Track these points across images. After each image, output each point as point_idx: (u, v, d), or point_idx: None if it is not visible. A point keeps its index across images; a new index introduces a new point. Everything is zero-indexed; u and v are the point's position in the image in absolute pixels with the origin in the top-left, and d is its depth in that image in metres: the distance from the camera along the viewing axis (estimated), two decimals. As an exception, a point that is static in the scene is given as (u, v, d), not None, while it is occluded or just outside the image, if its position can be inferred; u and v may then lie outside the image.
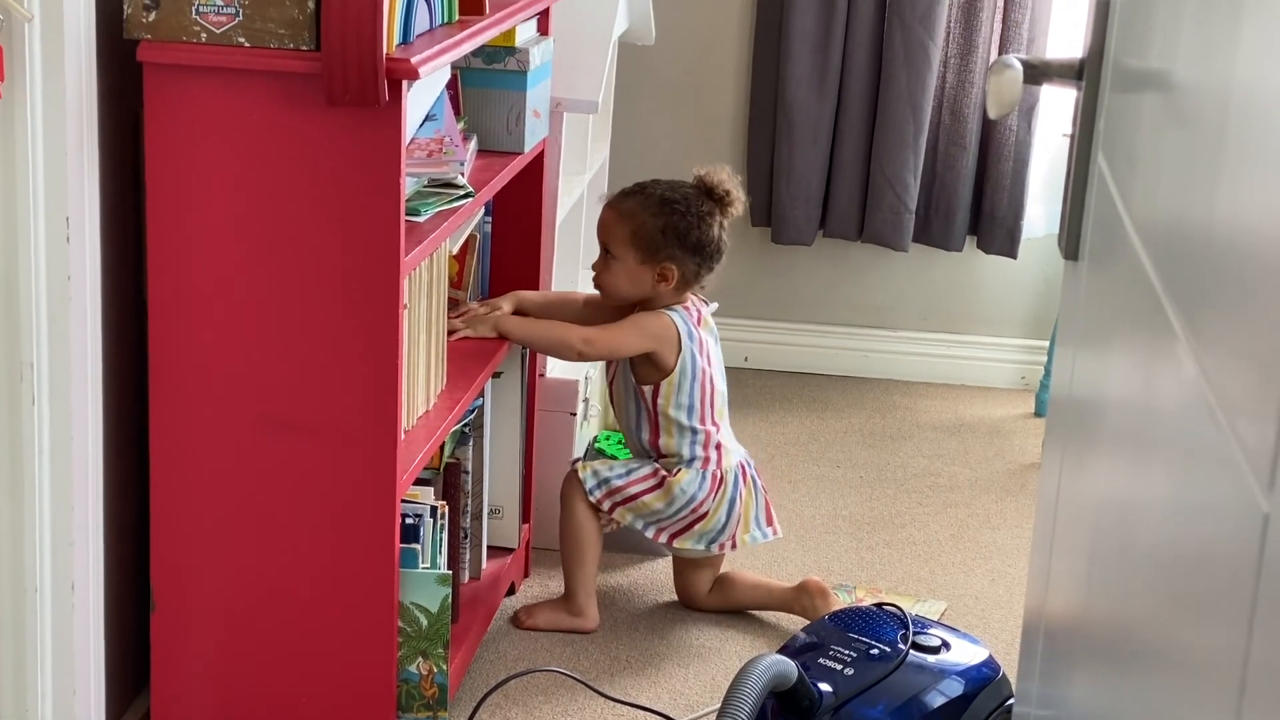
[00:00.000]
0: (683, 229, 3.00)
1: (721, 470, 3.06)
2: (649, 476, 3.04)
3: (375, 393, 2.39)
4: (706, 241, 3.02)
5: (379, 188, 2.32)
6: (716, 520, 3.06)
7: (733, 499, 3.07)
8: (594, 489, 3.04)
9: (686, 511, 3.05)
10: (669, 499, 3.03)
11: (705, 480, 3.05)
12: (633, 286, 3.04)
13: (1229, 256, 0.98)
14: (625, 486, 3.04)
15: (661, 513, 3.05)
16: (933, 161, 4.34)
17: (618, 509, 3.05)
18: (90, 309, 2.31)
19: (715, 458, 3.06)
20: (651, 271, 3.01)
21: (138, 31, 2.29)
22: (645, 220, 3.00)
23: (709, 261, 3.05)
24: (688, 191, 3.05)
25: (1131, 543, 1.23)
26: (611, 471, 3.05)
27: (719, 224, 3.05)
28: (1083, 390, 1.58)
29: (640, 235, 3.00)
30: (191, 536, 2.46)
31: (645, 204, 3.02)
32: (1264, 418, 0.81)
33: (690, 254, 3.01)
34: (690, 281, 3.05)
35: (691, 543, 3.08)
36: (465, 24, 2.60)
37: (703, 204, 3.04)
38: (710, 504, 3.05)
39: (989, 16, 4.21)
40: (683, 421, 3.04)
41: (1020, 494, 3.86)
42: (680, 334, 3.03)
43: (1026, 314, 4.53)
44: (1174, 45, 1.27)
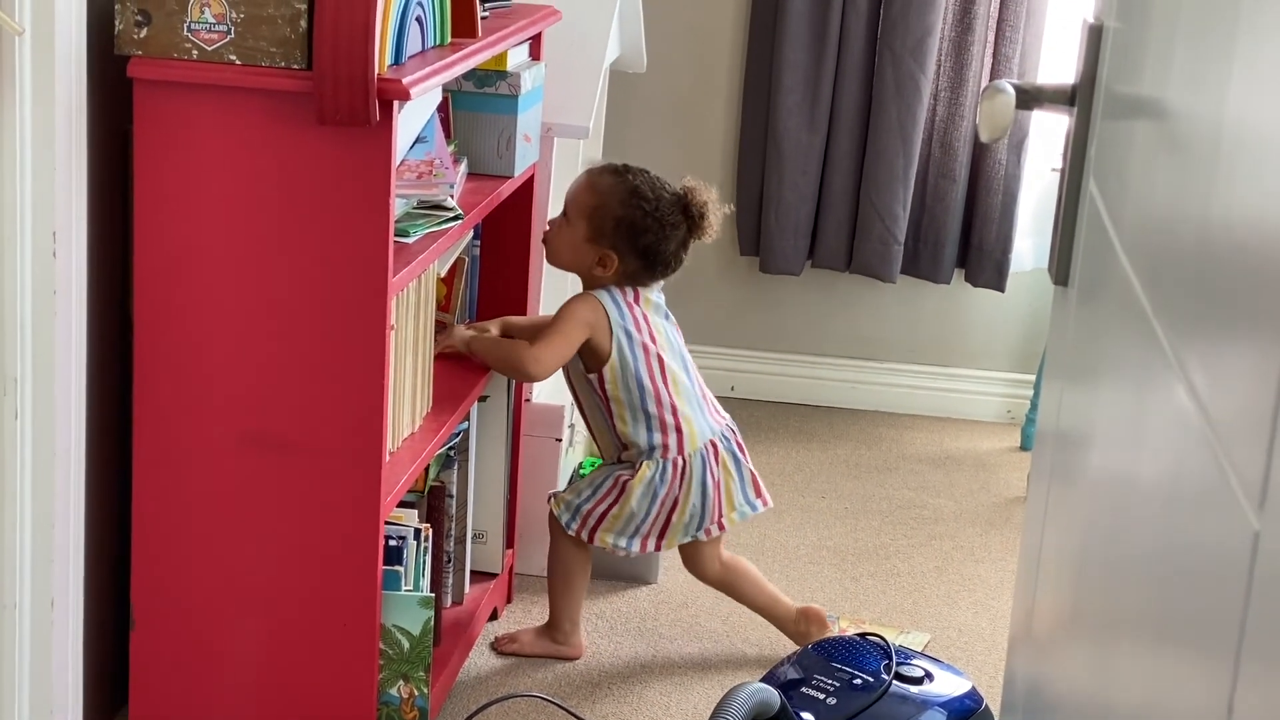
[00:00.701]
0: (639, 228, 2.95)
1: (684, 455, 2.99)
2: (611, 488, 2.99)
3: (361, 413, 2.38)
4: (658, 252, 2.97)
5: (368, 208, 2.32)
6: (691, 508, 3.00)
7: (703, 482, 3.00)
8: (569, 523, 3.02)
9: (657, 508, 2.99)
10: (635, 501, 2.97)
11: (666, 470, 2.98)
12: (573, 258, 3.00)
13: (1220, 279, 0.98)
14: (594, 508, 3.00)
15: (635, 517, 2.99)
16: (922, 194, 4.35)
17: (596, 534, 3.02)
18: (75, 324, 2.30)
19: (675, 443, 2.98)
20: (594, 253, 2.96)
21: (129, 47, 2.29)
22: (609, 203, 2.95)
23: (654, 270, 2.99)
24: (664, 195, 2.99)
25: (1119, 569, 1.22)
26: (580, 497, 3.01)
27: (680, 240, 2.99)
28: (1071, 417, 1.58)
29: (597, 214, 2.95)
30: (172, 555, 2.45)
31: (617, 187, 2.97)
32: (1255, 436, 0.80)
33: (636, 255, 2.96)
34: (629, 278, 2.98)
35: (678, 537, 3.03)
36: (457, 46, 2.60)
37: (672, 214, 2.98)
38: (678, 493, 2.99)
39: (979, 50, 4.23)
40: (635, 405, 2.96)
41: (1005, 527, 3.86)
42: (609, 315, 2.96)
43: (1013, 348, 4.53)
44: (1166, 72, 1.27)
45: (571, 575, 3.07)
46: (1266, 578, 0.76)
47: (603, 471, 3.03)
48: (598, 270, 2.97)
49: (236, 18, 2.26)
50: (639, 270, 2.99)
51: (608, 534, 3.01)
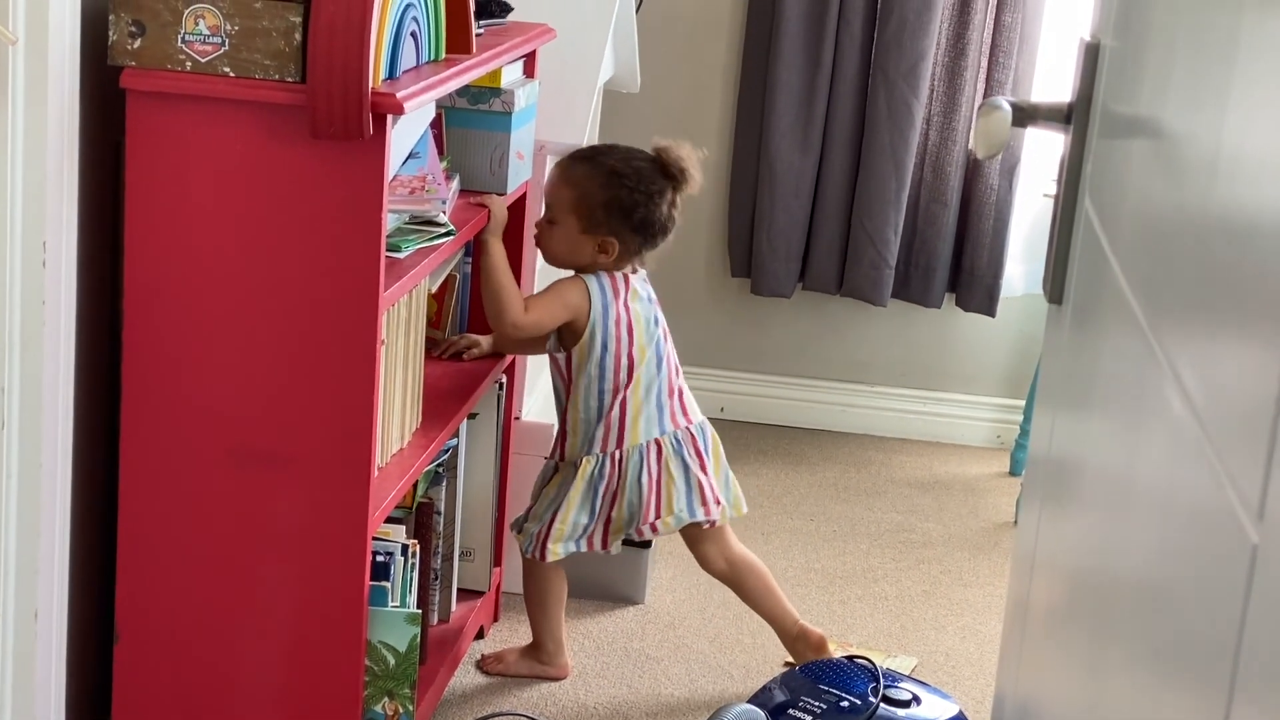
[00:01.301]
0: (628, 205, 2.91)
1: (622, 450, 2.97)
2: (556, 497, 2.97)
3: (350, 428, 2.37)
4: (652, 220, 2.93)
5: (360, 222, 2.31)
6: (629, 504, 2.96)
7: (638, 479, 2.96)
8: (527, 548, 3.00)
9: (599, 505, 2.96)
10: (577, 505, 2.95)
11: (605, 464, 2.95)
12: (571, 254, 2.96)
13: (1218, 293, 0.98)
14: (548, 526, 2.97)
15: (580, 521, 2.96)
16: (914, 218, 4.35)
17: (547, 550, 2.97)
18: (64, 335, 2.29)
19: (615, 438, 2.96)
20: (592, 242, 2.93)
21: (122, 58, 2.28)
22: (591, 191, 2.91)
23: (652, 240, 2.96)
24: (641, 165, 2.95)
25: (1112, 588, 1.22)
26: (539, 524, 2.99)
27: (669, 202, 2.96)
28: (1064, 436, 1.57)
29: (583, 205, 2.91)
30: (158, 567, 2.44)
31: (594, 173, 2.93)
32: (1254, 449, 0.80)
33: (634, 231, 2.93)
34: (631, 256, 2.96)
35: (617, 536, 2.99)
36: (452, 62, 2.59)
37: (654, 181, 2.94)
38: (615, 487, 2.96)
39: (973, 75, 4.23)
40: (590, 392, 2.94)
41: (993, 552, 3.85)
42: (592, 300, 2.93)
43: (1003, 373, 4.53)
44: (1163, 90, 1.27)
45: (546, 596, 3.06)
46: (1265, 590, 0.76)
47: (551, 489, 3.00)
48: (601, 258, 2.94)
49: (231, 30, 2.26)
50: (640, 245, 2.96)
51: (557, 546, 2.98)
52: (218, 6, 2.25)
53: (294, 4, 2.25)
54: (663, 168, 2.97)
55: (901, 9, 4.17)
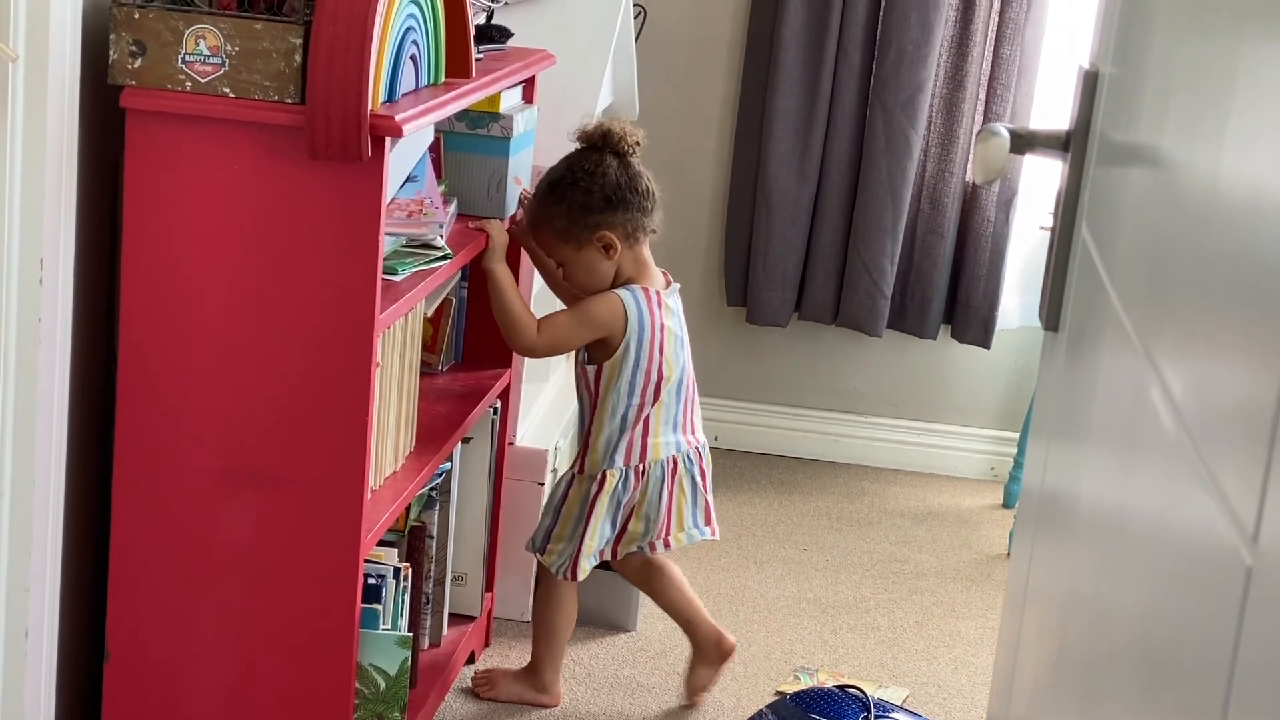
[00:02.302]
0: (583, 196, 2.88)
1: (645, 464, 2.97)
2: (580, 514, 2.96)
3: (343, 450, 2.37)
4: (612, 189, 2.89)
5: (357, 243, 2.31)
6: (645, 517, 2.97)
7: (659, 494, 2.97)
8: (560, 569, 2.99)
9: (620, 517, 2.97)
10: (603, 519, 2.95)
11: (629, 477, 2.96)
12: (591, 274, 2.93)
13: (1214, 322, 0.98)
14: (579, 545, 2.96)
15: (604, 535, 2.96)
16: (910, 249, 4.36)
17: (578, 569, 2.97)
18: (60, 353, 2.29)
19: (639, 450, 2.96)
20: (593, 250, 2.90)
21: (122, 78, 2.29)
22: (551, 214, 2.91)
23: (633, 204, 2.90)
24: (570, 159, 2.94)
25: (1106, 614, 1.22)
26: (555, 541, 2.99)
27: (615, 166, 2.91)
28: (1059, 466, 1.57)
29: (558, 230, 2.91)
30: (150, 587, 2.43)
31: (543, 202, 2.92)
32: (1248, 473, 0.80)
33: (610, 210, 2.89)
34: (634, 232, 2.92)
35: (629, 547, 2.99)
36: (451, 86, 2.60)
37: (584, 161, 2.92)
38: (636, 500, 2.96)
39: (970, 107, 4.25)
40: (617, 406, 2.93)
41: (985, 584, 3.85)
42: (629, 315, 2.91)
43: (998, 405, 4.53)
44: (1162, 118, 1.28)
45: (559, 623, 3.05)
46: (1258, 613, 0.76)
47: (574, 505, 2.99)
48: (612, 254, 2.91)
49: (231, 51, 2.26)
50: (626, 218, 2.90)
51: (585, 560, 2.98)
52: (218, 27, 2.26)
53: (294, 26, 2.25)
54: (589, 145, 2.95)
55: (900, 40, 4.18)
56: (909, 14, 4.17)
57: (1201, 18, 1.19)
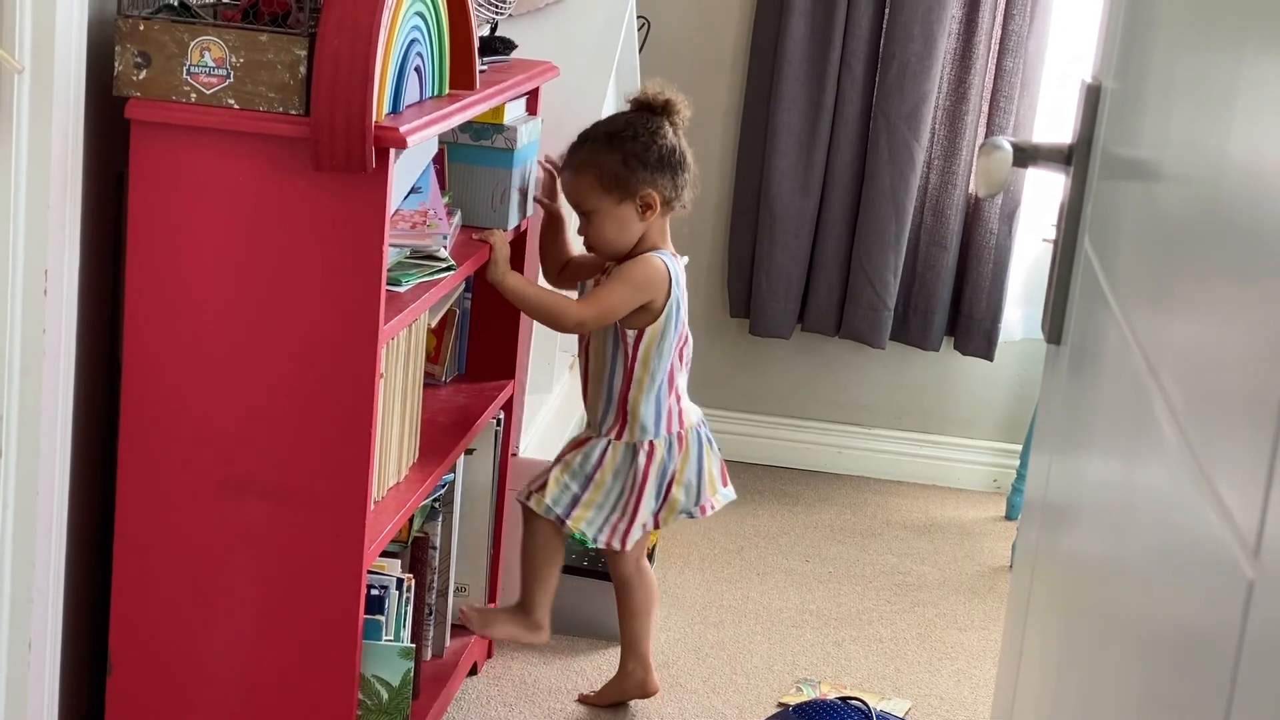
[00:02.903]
0: (641, 150, 2.92)
1: (684, 428, 2.99)
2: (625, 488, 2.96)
3: (347, 461, 2.37)
4: (668, 153, 2.94)
5: (361, 255, 2.32)
6: (687, 482, 2.99)
7: (699, 458, 3.00)
8: (605, 541, 2.96)
9: (664, 486, 2.98)
10: (652, 489, 2.95)
11: (673, 445, 2.98)
12: (620, 231, 2.93)
13: (1217, 336, 0.98)
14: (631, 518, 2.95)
15: (651, 506, 2.96)
16: (913, 261, 4.36)
17: (628, 539, 2.96)
18: (64, 364, 2.29)
19: (678, 414, 2.99)
20: (633, 206, 2.92)
21: (128, 89, 2.29)
22: (603, 161, 2.91)
23: (679, 173, 2.96)
24: (629, 116, 2.98)
25: (1108, 632, 1.22)
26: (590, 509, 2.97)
27: (672, 132, 2.98)
28: (1061, 479, 1.57)
29: (606, 177, 2.91)
30: (153, 599, 2.43)
31: (595, 148, 2.93)
32: (1251, 486, 0.80)
33: (660, 172, 2.93)
34: (672, 200, 2.96)
35: (674, 514, 3.00)
36: (455, 98, 2.60)
37: (647, 121, 2.96)
38: (679, 466, 2.98)
39: (974, 120, 4.25)
40: (656, 371, 2.94)
41: (988, 596, 3.85)
42: (671, 275, 2.94)
43: (1001, 417, 4.53)
44: (1164, 133, 1.28)
45: (548, 562, 3.03)
46: (1260, 627, 0.76)
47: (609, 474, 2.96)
48: (649, 215, 2.92)
49: (236, 62, 2.27)
50: (672, 184, 2.94)
51: (637, 530, 2.97)
52: (223, 39, 2.26)
53: (299, 38, 2.26)
54: (647, 108, 2.99)
55: (903, 53, 4.19)
56: (912, 26, 4.17)
57: (1203, 31, 1.20)
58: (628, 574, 3.10)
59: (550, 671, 3.26)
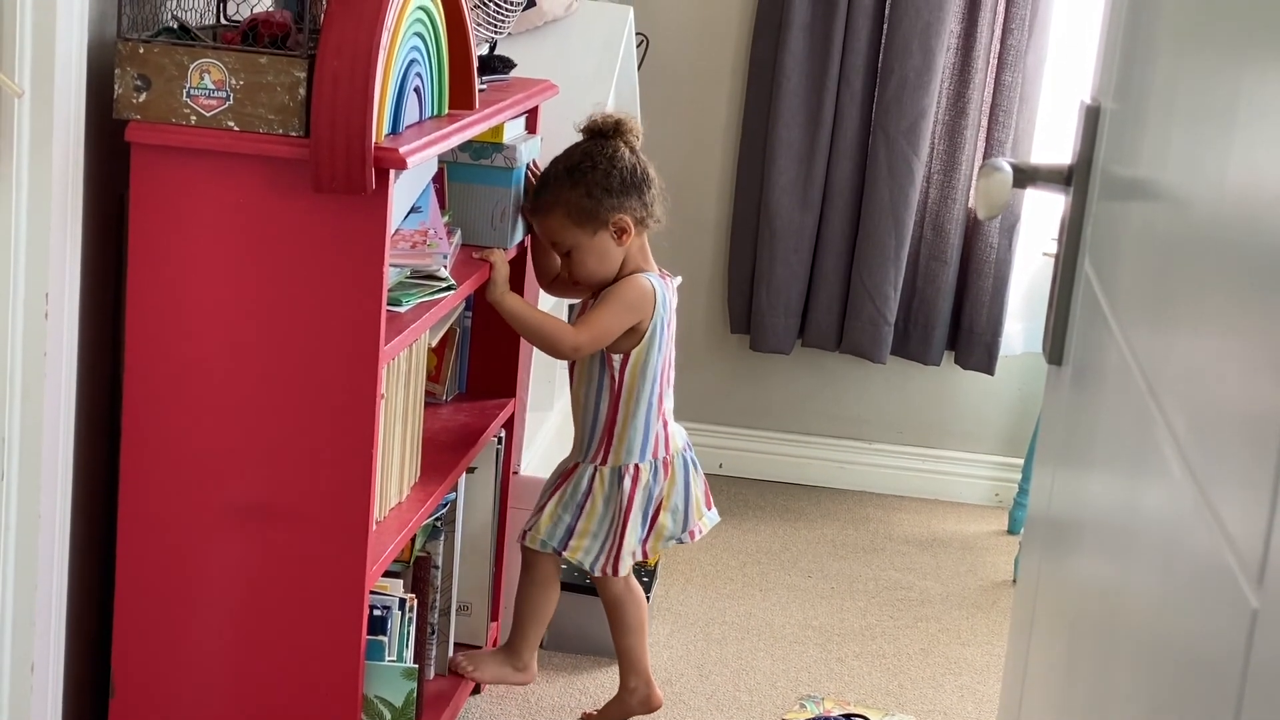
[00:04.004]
0: (603, 178, 2.90)
1: (670, 453, 2.98)
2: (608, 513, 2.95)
3: (348, 482, 2.37)
4: (629, 174, 2.92)
5: (362, 276, 2.32)
6: (674, 508, 2.98)
7: (686, 482, 2.99)
8: (597, 566, 2.96)
9: (649, 512, 2.96)
10: (635, 513, 2.94)
11: (658, 470, 2.97)
12: (602, 262, 2.93)
13: (1219, 358, 0.98)
14: (619, 545, 2.94)
15: (639, 533, 2.96)
16: (913, 275, 4.37)
17: (620, 565, 2.96)
18: (65, 387, 2.29)
19: (664, 439, 2.97)
20: (608, 234, 2.91)
21: (127, 112, 2.29)
22: (568, 198, 2.91)
23: (645, 191, 2.94)
24: (584, 146, 2.96)
25: (1112, 650, 1.22)
26: (582, 538, 2.97)
27: (629, 152, 2.96)
28: (1064, 497, 1.57)
29: (574, 212, 2.90)
30: (155, 621, 2.43)
31: (558, 186, 2.92)
32: (1254, 513, 0.80)
33: (625, 195, 2.91)
34: (645, 219, 2.94)
35: (662, 542, 2.99)
36: (454, 118, 2.61)
37: (602, 148, 2.94)
38: (665, 489, 2.97)
39: (973, 134, 4.25)
40: (641, 395, 2.93)
41: (991, 610, 3.84)
42: (656, 296, 2.93)
43: (1002, 431, 4.53)
44: (1164, 154, 1.28)
45: (546, 608, 3.05)
46: (1265, 657, 0.76)
47: (599, 500, 2.96)
48: (624, 240, 2.91)
49: (236, 84, 2.27)
50: (640, 204, 2.93)
51: (627, 557, 2.96)
52: (223, 61, 2.27)
53: (298, 59, 2.26)
54: (600, 134, 2.98)
55: (902, 68, 4.19)
56: (910, 41, 4.18)
57: (1202, 52, 1.20)
58: (617, 593, 3.09)
59: (553, 690, 3.25)
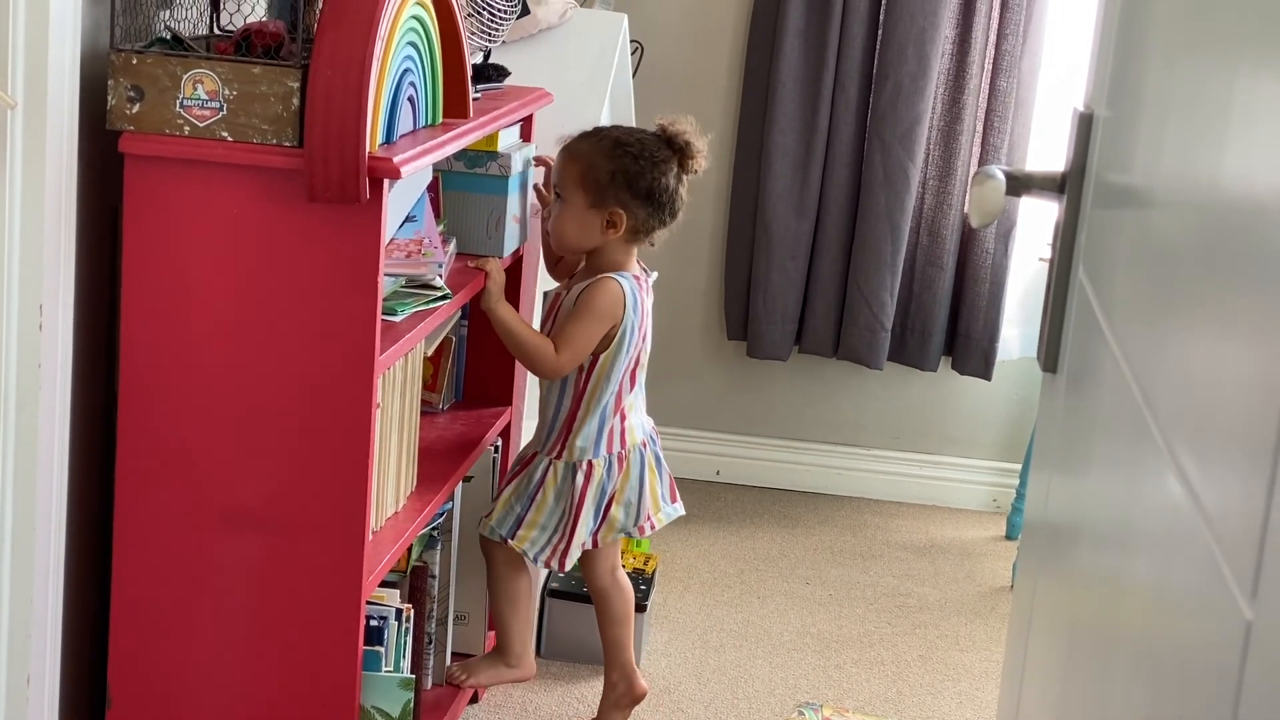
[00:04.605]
0: (634, 173, 2.86)
1: (625, 449, 2.95)
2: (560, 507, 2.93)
3: (344, 491, 2.37)
4: (659, 190, 2.88)
5: (357, 285, 2.31)
6: (627, 502, 2.95)
7: (640, 477, 2.96)
8: (540, 559, 2.94)
9: (602, 505, 2.94)
10: (590, 508, 2.92)
11: (613, 465, 2.94)
12: (580, 233, 2.89)
13: (1213, 369, 0.98)
14: (569, 537, 2.93)
15: (589, 525, 2.93)
16: (910, 281, 4.36)
17: (567, 560, 2.93)
18: (60, 398, 2.29)
19: (619, 434, 2.94)
20: (600, 217, 2.86)
21: (121, 123, 2.29)
22: (596, 162, 2.86)
23: (660, 213, 2.90)
24: (644, 137, 2.91)
25: (1109, 658, 1.21)
26: (530, 529, 2.94)
27: (675, 175, 2.91)
28: (1059, 504, 1.57)
29: (590, 177, 2.86)
30: (151, 631, 2.43)
31: (598, 146, 2.88)
32: (1248, 525, 0.80)
33: (640, 202, 2.87)
34: (639, 232, 2.90)
35: (613, 533, 2.96)
36: (448, 127, 2.60)
37: (659, 151, 2.90)
38: (619, 482, 2.94)
39: (968, 140, 4.25)
40: (604, 394, 2.90)
41: (990, 617, 3.84)
42: (626, 303, 2.88)
43: (1000, 436, 4.53)
44: (1157, 161, 1.28)
45: (519, 595, 3.03)
46: (1259, 668, 0.75)
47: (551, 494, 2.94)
48: (609, 233, 2.87)
49: (229, 95, 2.27)
50: (648, 217, 2.89)
51: (576, 549, 2.93)
52: (216, 71, 2.26)
53: (292, 69, 2.26)
54: (667, 140, 2.93)
55: (897, 74, 4.19)
56: (905, 47, 4.18)
57: (1194, 60, 1.20)
58: (604, 585, 3.08)
59: (550, 699, 3.25)
